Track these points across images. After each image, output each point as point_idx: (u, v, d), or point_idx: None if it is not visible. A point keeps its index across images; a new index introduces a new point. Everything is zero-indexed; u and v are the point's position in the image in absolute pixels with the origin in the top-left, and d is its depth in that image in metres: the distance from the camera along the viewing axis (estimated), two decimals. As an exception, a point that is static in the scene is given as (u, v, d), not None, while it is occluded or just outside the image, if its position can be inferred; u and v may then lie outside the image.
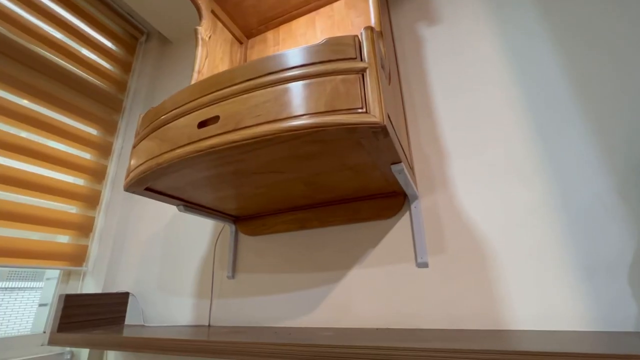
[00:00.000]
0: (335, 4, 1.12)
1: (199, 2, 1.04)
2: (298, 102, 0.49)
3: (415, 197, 0.78)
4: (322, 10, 1.14)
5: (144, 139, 0.67)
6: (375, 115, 0.47)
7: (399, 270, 0.76)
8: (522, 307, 0.64)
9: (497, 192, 0.73)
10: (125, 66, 1.51)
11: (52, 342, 0.90)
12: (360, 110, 0.48)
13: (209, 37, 1.06)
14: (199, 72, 0.96)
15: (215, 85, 0.58)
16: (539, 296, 0.64)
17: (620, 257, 0.60)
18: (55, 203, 1.15)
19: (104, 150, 1.33)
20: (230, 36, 1.19)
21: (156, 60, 1.58)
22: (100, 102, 1.36)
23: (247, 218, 0.99)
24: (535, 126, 0.74)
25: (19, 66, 1.10)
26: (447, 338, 0.60)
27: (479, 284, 0.68)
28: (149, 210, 1.24)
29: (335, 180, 0.70)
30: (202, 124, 0.57)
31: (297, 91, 0.50)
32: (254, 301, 0.91)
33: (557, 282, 0.63)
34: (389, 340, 0.59)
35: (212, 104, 0.57)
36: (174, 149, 0.58)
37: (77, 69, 1.31)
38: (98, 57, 1.39)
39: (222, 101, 0.56)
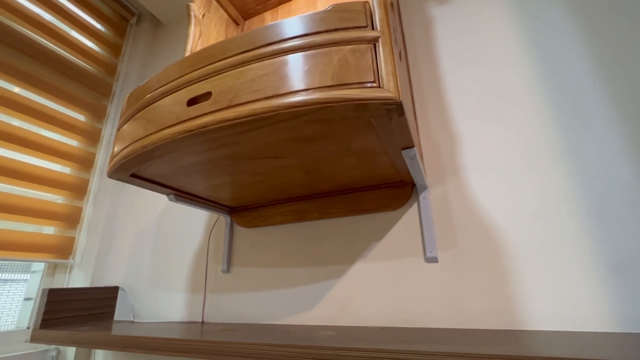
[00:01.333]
0: (337, -18, 1.05)
1: (192, -23, 0.96)
2: (301, 76, 0.43)
3: (424, 187, 0.73)
4: (323, -12, 1.07)
5: (128, 120, 0.61)
6: (389, 89, 0.41)
7: (406, 265, 0.71)
8: (540, 305, 0.59)
9: (513, 182, 0.67)
10: (115, 49, 1.43)
11: (34, 339, 0.85)
12: (371, 85, 0.42)
13: (203, 15, 0.99)
14: (191, 52, 0.89)
15: (207, 58, 0.52)
16: (558, 294, 0.59)
17: (649, 252, 0.55)
18: (41, 192, 1.09)
19: (92, 137, 1.26)
20: (226, 16, 1.12)
21: (148, 43, 1.50)
22: (89, 86, 1.29)
23: (242, 209, 0.93)
24: (554, 110, 0.68)
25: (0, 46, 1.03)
26: (458, 339, 0.56)
27: (492, 281, 0.63)
28: (139, 201, 1.18)
29: (338, 168, 0.64)
30: (192, 102, 0.51)
31: (299, 63, 0.44)
32: (250, 297, 0.86)
33: (579, 278, 0.58)
34: (395, 341, 0.54)
35: (203, 79, 0.51)
36: (161, 130, 0.52)
37: (64, 50, 1.23)
38: (86, 39, 1.32)
39: (214, 76, 0.50)
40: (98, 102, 1.32)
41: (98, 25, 1.38)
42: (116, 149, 0.61)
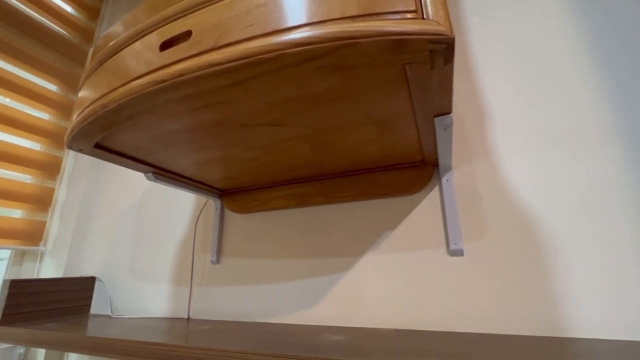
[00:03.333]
0: None
1: None
2: (314, 3, 0.32)
3: (448, 168, 0.62)
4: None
5: (89, 77, 0.48)
6: (438, 21, 0.29)
7: (426, 258, 0.61)
8: (586, 309, 0.50)
9: (555, 164, 0.57)
10: (93, 12, 1.28)
11: (-7, 337, 0.74)
12: (411, 15, 0.30)
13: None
14: None
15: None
16: (609, 297, 0.49)
17: None
18: (6, 171, 0.96)
19: (65, 109, 1.13)
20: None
21: (130, 6, 1.34)
22: (62, 53, 1.14)
23: (235, 191, 0.82)
24: (607, 81, 0.57)
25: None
26: (487, 346, 0.46)
27: (528, 279, 0.54)
28: (120, 181, 1.06)
29: (352, 142, 0.53)
30: (167, 45, 0.38)
31: (311, -13, 0.32)
32: (242, 291, 0.75)
33: (634, 279, 0.49)
34: (420, 352, 0.44)
35: (181, 16, 0.39)
36: (127, 83, 0.40)
37: (34, 11, 1.08)
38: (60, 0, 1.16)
39: (195, 10, 0.38)
40: (72, 71, 1.17)
41: (72, -16, 1.22)
42: (75, 114, 0.49)
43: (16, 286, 0.79)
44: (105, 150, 0.54)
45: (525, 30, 0.66)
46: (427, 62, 0.32)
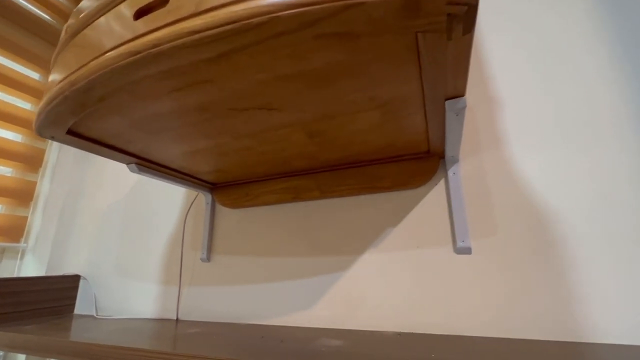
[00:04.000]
0: None
1: None
2: (311, -41, 0.27)
3: (455, 160, 0.58)
4: None
5: (59, 54, 0.43)
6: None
7: (430, 256, 0.57)
8: (607, 312, 0.46)
9: (570, 156, 0.53)
10: (78, -3, 1.21)
11: (-34, 340, 0.69)
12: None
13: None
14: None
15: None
16: (632, 298, 0.45)
17: None
18: (-17, 163, 0.90)
19: (49, 99, 1.06)
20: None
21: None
22: (44, 38, 1.08)
23: (226, 185, 0.77)
24: (625, 70, 0.53)
25: None
26: (496, 351, 0.42)
27: (541, 279, 0.50)
28: (107, 175, 1.00)
29: (353, 129, 0.48)
30: (142, 13, 0.33)
31: (308, -59, 0.27)
32: (234, 291, 0.71)
33: (658, 278, 0.45)
34: (416, 351, 0.40)
35: (159, -21, 0.34)
36: (97, 57, 0.35)
37: None
38: (39, -20, 1.09)
39: (175, -28, 0.33)
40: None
41: (56, -34, 1.15)
42: (44, 97, 0.44)
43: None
44: (80, 137, 0.49)
45: (540, 14, 0.61)
46: (443, 31, 0.28)
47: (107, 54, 0.33)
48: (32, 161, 1.00)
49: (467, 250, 0.55)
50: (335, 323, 0.60)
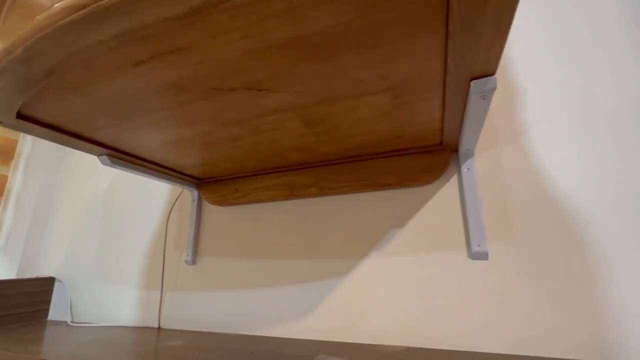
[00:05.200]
0: None
1: None
2: None
3: (469, 155, 0.52)
4: None
5: (6, 19, 0.35)
6: None
7: (442, 261, 0.51)
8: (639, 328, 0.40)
9: (602, 148, 0.47)
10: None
11: None
12: None
13: None
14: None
15: None
16: (673, 310, 0.40)
17: None
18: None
19: (21, 85, 0.98)
20: None
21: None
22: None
23: (214, 180, 0.70)
24: (665, 48, 0.47)
25: None
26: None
27: (565, 289, 0.44)
28: (84, 168, 0.92)
29: (357, 116, 0.42)
30: (94, -41, 0.26)
31: None
32: (222, 296, 0.64)
33: (703, 289, 0.39)
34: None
35: None
36: (40, 17, 0.27)
37: None
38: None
39: None
40: (30, 42, 1.02)
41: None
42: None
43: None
44: (35, 122, 0.41)
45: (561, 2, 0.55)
46: (485, -21, 0.21)
47: (46, 12, 0.26)
48: (2, 153, 0.91)
49: (483, 256, 0.49)
50: (334, 335, 0.54)
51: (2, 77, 0.31)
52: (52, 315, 0.81)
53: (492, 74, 0.32)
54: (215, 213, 0.71)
